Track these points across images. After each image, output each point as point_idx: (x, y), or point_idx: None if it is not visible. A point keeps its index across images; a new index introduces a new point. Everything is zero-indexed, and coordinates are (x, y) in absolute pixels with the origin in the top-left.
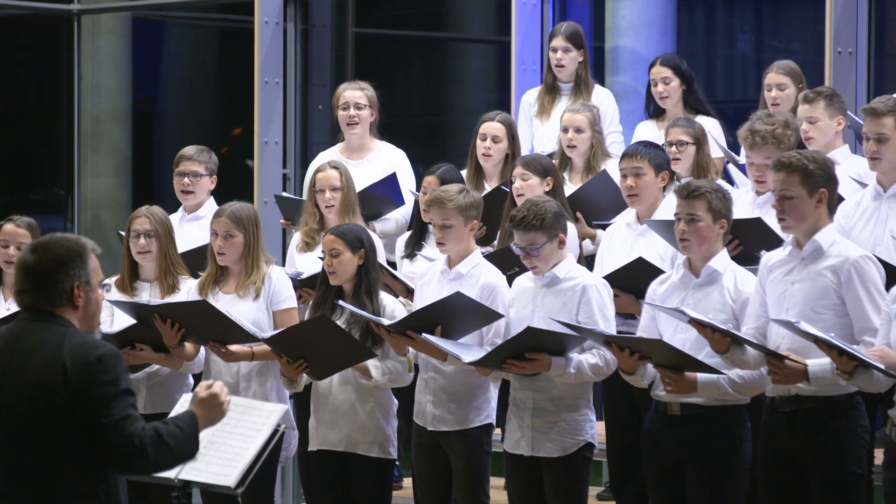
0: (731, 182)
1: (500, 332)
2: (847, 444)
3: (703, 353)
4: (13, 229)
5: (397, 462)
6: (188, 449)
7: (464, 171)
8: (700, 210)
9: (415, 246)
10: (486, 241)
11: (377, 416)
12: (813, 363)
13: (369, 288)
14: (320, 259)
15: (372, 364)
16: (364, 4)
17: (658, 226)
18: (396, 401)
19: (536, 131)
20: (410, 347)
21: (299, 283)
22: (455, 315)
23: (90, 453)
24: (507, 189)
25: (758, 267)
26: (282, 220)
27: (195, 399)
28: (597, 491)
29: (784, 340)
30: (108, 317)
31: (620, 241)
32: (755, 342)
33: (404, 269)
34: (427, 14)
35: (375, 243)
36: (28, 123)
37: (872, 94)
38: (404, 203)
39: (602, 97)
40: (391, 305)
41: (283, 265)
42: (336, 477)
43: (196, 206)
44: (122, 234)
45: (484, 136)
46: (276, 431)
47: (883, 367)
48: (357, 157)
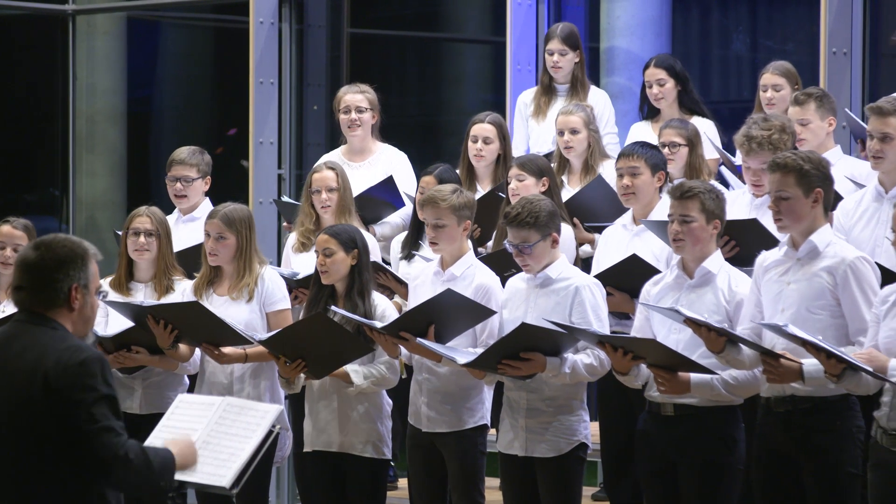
0: (724, 184)
1: (494, 332)
2: (842, 444)
3: (697, 353)
4: (10, 231)
5: (392, 462)
6: (167, 477)
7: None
8: (693, 211)
9: (412, 246)
10: (480, 244)
11: (371, 417)
12: (808, 362)
13: (362, 288)
14: None
15: (352, 370)
16: (359, 5)
17: (654, 226)
18: (391, 401)
19: (532, 132)
20: (403, 349)
21: (295, 284)
22: (447, 313)
23: (74, 460)
24: (503, 195)
25: (753, 268)
26: (285, 224)
27: (171, 441)
28: (591, 491)
29: (779, 340)
30: (102, 318)
31: (617, 242)
32: (751, 341)
33: (401, 271)
34: (422, 14)
35: (369, 244)
36: (23, 124)
37: (867, 95)
38: (404, 205)
39: (598, 98)
40: (382, 305)
41: (280, 266)
42: (331, 478)
43: (191, 208)
44: (119, 233)
45: (475, 138)
46: (270, 432)
47: (871, 369)
48: (359, 159)
